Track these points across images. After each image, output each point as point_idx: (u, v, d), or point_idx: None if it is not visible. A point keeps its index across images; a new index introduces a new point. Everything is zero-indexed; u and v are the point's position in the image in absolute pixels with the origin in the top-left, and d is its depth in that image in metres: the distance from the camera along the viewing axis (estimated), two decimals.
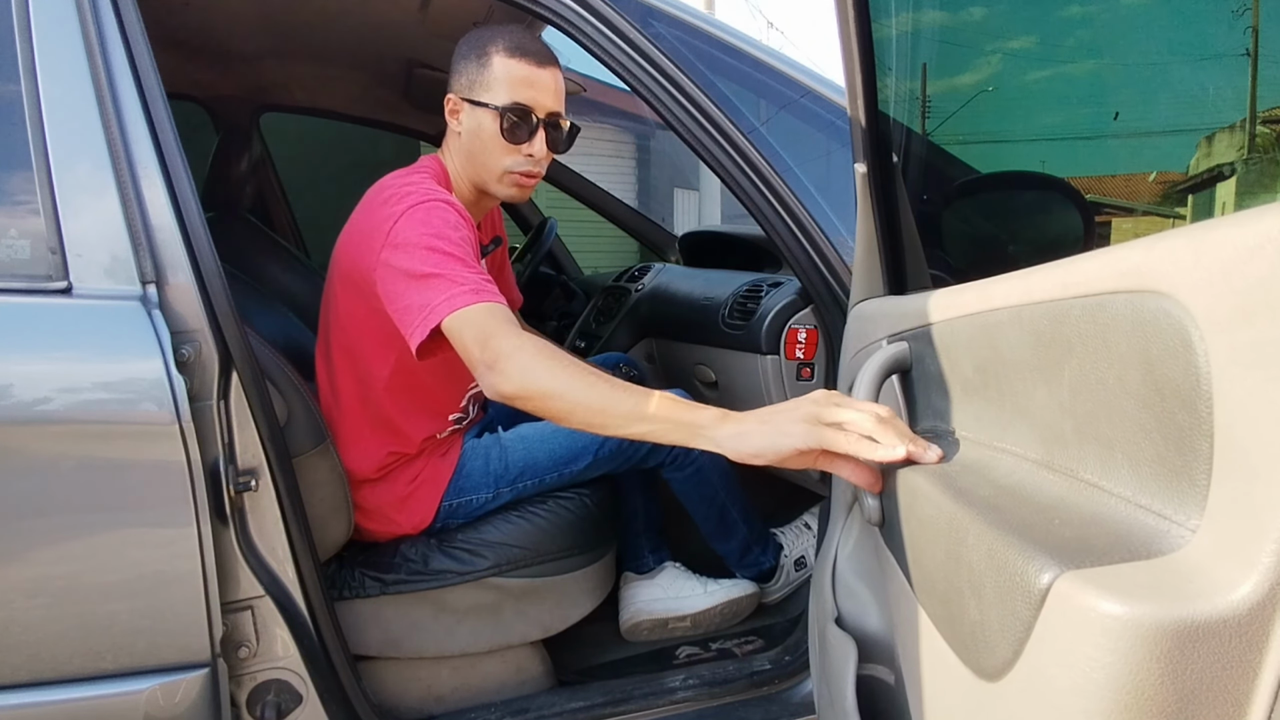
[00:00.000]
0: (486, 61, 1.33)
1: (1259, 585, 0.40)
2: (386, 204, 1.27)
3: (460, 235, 1.24)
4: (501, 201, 1.47)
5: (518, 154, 1.35)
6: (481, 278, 1.20)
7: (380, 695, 1.42)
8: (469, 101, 1.34)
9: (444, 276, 1.18)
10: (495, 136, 1.33)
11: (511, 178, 1.37)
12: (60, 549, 1.02)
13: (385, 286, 1.23)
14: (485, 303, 1.15)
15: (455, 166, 1.40)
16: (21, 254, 1.02)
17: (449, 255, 1.20)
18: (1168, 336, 0.45)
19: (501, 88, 1.32)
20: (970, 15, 1.10)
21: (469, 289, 1.16)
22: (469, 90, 1.34)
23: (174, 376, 1.02)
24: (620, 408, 1.02)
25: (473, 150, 1.36)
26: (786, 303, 1.57)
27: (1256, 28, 0.77)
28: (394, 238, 1.23)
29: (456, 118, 1.37)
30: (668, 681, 1.46)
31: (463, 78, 1.35)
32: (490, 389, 1.10)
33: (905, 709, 0.80)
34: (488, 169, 1.36)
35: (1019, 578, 0.51)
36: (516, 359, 1.07)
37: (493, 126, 1.33)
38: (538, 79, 1.34)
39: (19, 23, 1.03)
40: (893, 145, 1.01)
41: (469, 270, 1.20)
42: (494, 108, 1.32)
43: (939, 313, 0.79)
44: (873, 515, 0.84)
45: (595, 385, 1.04)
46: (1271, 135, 0.79)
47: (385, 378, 1.37)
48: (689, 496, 1.66)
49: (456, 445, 1.52)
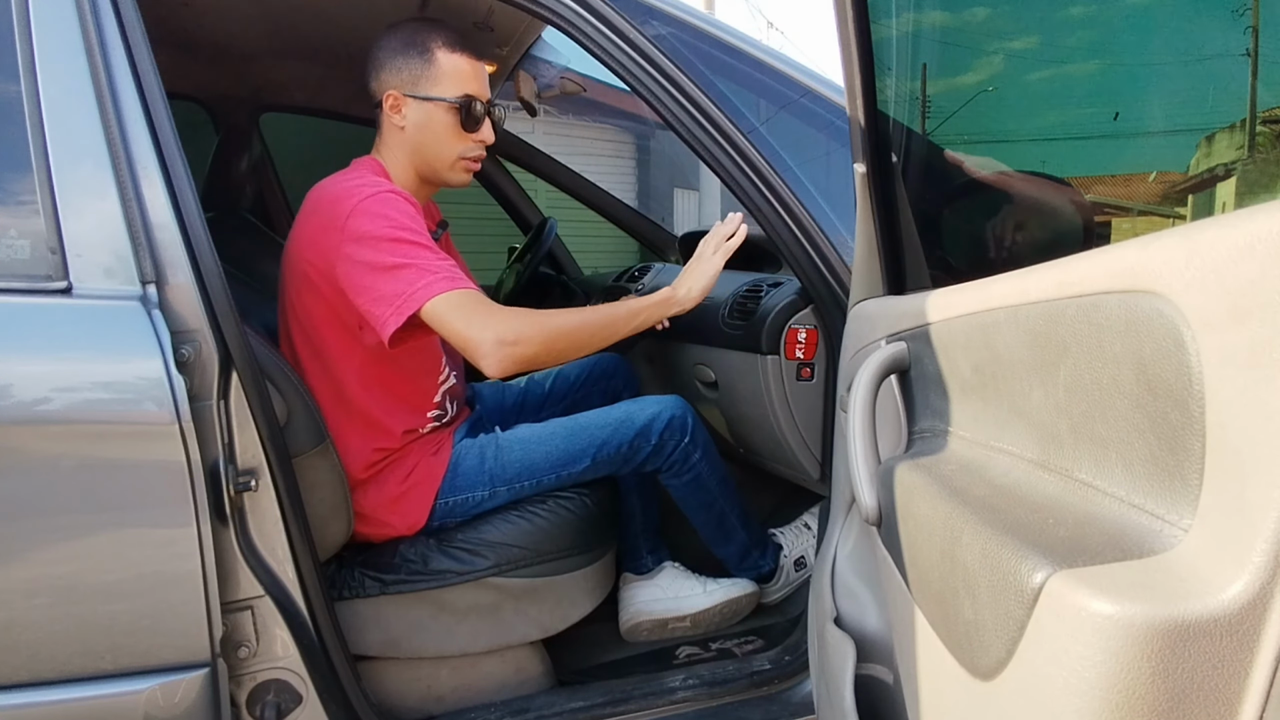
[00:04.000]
0: (430, 57, 1.40)
1: (1250, 584, 0.40)
2: (336, 202, 1.30)
3: (419, 224, 1.30)
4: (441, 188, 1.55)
5: (470, 141, 1.45)
6: (451, 265, 1.28)
7: (380, 695, 1.42)
8: (415, 97, 1.40)
9: (415, 265, 1.25)
10: (451, 128, 1.42)
11: (464, 164, 1.47)
12: (60, 549, 1.02)
13: (351, 281, 1.27)
14: (464, 289, 1.26)
15: (397, 160, 1.45)
16: (21, 254, 1.02)
17: (415, 244, 1.27)
18: (1160, 336, 0.45)
19: (450, 81, 1.41)
20: (970, 15, 1.10)
21: (443, 276, 1.25)
22: (414, 86, 1.40)
23: (174, 376, 1.02)
24: (617, 315, 1.41)
25: (423, 142, 1.43)
26: (786, 303, 1.56)
27: (1256, 28, 0.77)
28: (352, 232, 1.27)
29: (399, 113, 1.41)
30: (668, 681, 1.46)
31: (403, 74, 1.40)
32: (508, 360, 1.25)
33: (903, 708, 0.80)
34: (441, 159, 1.44)
35: (1012, 577, 0.51)
36: (524, 327, 1.27)
37: (446, 119, 1.42)
38: (479, 70, 1.44)
39: (19, 23, 1.04)
40: (892, 145, 1.01)
41: (438, 258, 1.28)
42: (448, 101, 1.40)
43: (937, 313, 0.79)
44: (870, 515, 0.84)
45: (586, 312, 1.40)
46: (1271, 135, 0.79)
47: (355, 372, 1.39)
48: (687, 503, 1.66)
49: (448, 443, 1.52)
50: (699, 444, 1.59)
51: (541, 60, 2.12)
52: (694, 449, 1.59)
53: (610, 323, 1.40)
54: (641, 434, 1.54)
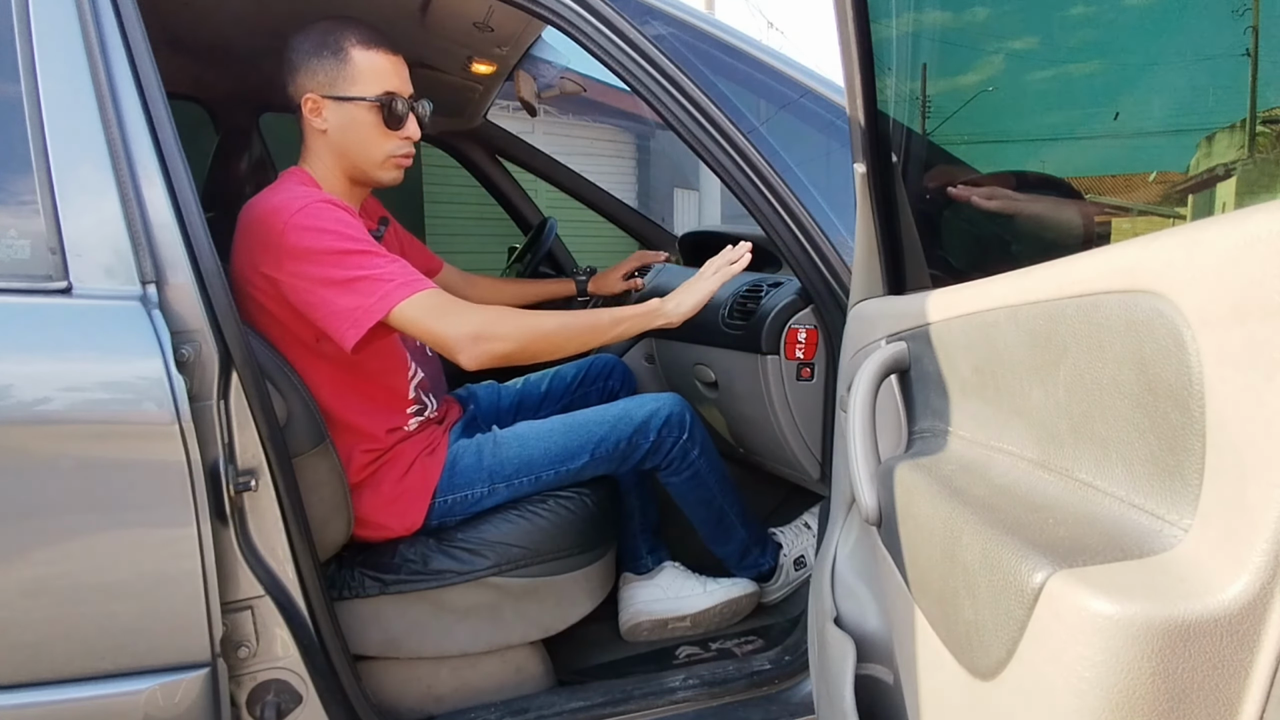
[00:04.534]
0: (345, 57, 1.36)
1: (1250, 584, 0.40)
2: (266, 222, 1.27)
3: (356, 229, 1.29)
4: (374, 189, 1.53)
5: (396, 139, 1.42)
6: (403, 267, 1.27)
7: (380, 695, 1.42)
8: (334, 99, 1.37)
9: (367, 277, 1.24)
10: (375, 127, 1.39)
11: (393, 161, 1.44)
12: (60, 549, 1.02)
13: (302, 298, 1.26)
14: (425, 290, 1.26)
15: (324, 165, 1.43)
16: (21, 254, 1.02)
17: (360, 253, 1.26)
18: (1161, 336, 0.45)
19: (368, 79, 1.37)
20: (970, 15, 1.10)
21: (399, 283, 1.25)
22: (331, 88, 1.37)
23: (174, 376, 1.02)
24: (599, 322, 1.39)
25: (348, 144, 1.40)
26: (786, 303, 1.56)
27: (1256, 28, 0.77)
28: (290, 250, 1.25)
29: (319, 116, 1.38)
30: (668, 681, 1.46)
31: (320, 76, 1.37)
32: (484, 356, 1.26)
33: (903, 708, 0.80)
34: (369, 159, 1.42)
35: (1012, 577, 0.51)
36: (499, 324, 1.28)
37: (369, 118, 1.39)
38: (397, 66, 1.41)
39: (19, 23, 1.04)
40: (892, 145, 1.01)
41: (389, 261, 1.27)
42: (368, 100, 1.37)
43: (937, 313, 0.79)
44: (870, 515, 0.84)
45: (568, 315, 1.37)
46: (1271, 135, 0.79)
47: (324, 384, 1.37)
48: (686, 500, 1.66)
49: (443, 442, 1.52)
50: (697, 441, 1.59)
51: (541, 60, 2.12)
52: (692, 446, 1.59)
53: (592, 328, 1.39)
54: (640, 430, 1.54)
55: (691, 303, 1.45)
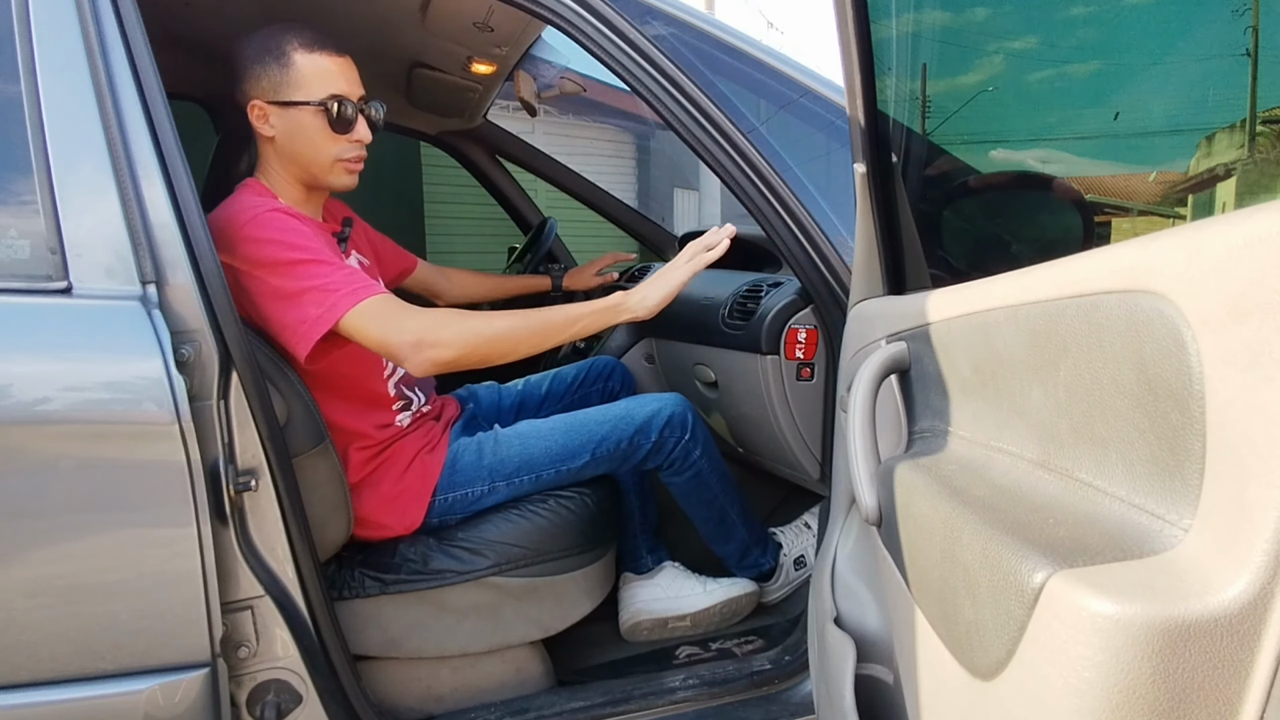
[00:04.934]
0: (287, 61, 1.34)
1: (1251, 584, 0.40)
2: (220, 236, 1.24)
3: (306, 237, 1.27)
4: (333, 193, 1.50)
5: (345, 142, 1.39)
6: (349, 274, 1.25)
7: (380, 695, 1.42)
8: (278, 104, 1.35)
9: (313, 288, 1.22)
10: (322, 131, 1.36)
11: (343, 165, 1.41)
12: (60, 549, 1.02)
13: (259, 311, 1.26)
14: (372, 296, 1.23)
15: (277, 174, 1.41)
16: (21, 254, 1.02)
17: (308, 262, 1.24)
18: (1161, 336, 0.45)
19: (312, 83, 1.35)
20: (970, 15, 1.10)
21: (346, 292, 1.23)
22: (275, 93, 1.35)
23: (174, 376, 1.02)
24: (553, 321, 1.33)
25: (297, 149, 1.38)
26: (786, 303, 1.57)
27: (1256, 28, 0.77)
28: (244, 260, 1.25)
29: (266, 122, 1.37)
30: (668, 681, 1.46)
31: (263, 82, 1.35)
32: (427, 363, 1.23)
33: (903, 708, 0.80)
34: (318, 163, 1.39)
35: (1012, 577, 0.51)
36: (441, 329, 1.24)
37: (316, 122, 1.36)
38: (343, 68, 1.38)
39: (19, 23, 1.04)
40: (892, 145, 1.01)
41: (337, 270, 1.25)
42: (313, 104, 1.35)
43: (937, 313, 0.79)
44: (870, 515, 0.84)
45: (519, 315, 1.31)
46: (1271, 135, 0.79)
47: (310, 386, 1.35)
48: (688, 500, 1.66)
49: (443, 439, 1.52)
50: (699, 441, 1.59)
51: (541, 60, 2.12)
52: (694, 446, 1.59)
53: (545, 328, 1.33)
54: (641, 430, 1.54)
55: (659, 297, 1.37)
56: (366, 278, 1.28)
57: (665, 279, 1.38)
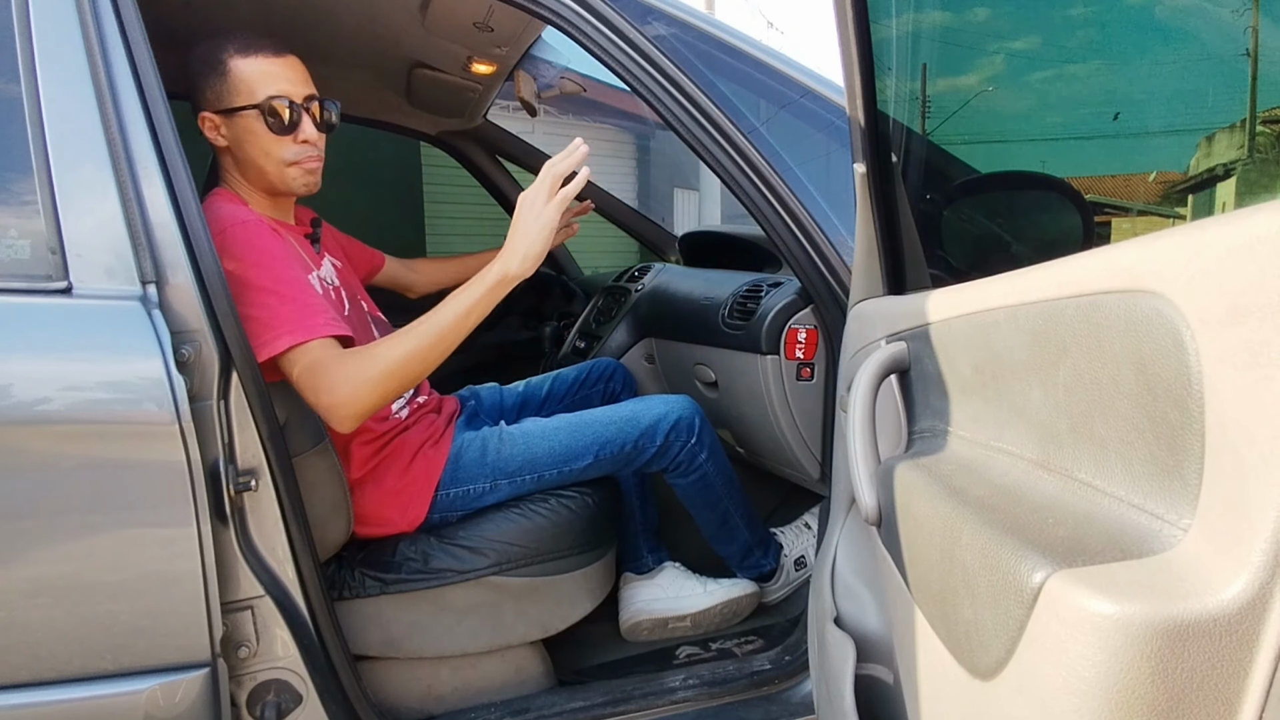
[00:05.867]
0: (223, 69, 1.33)
1: (1250, 584, 0.40)
2: None
3: (262, 254, 1.24)
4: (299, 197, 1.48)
5: (291, 143, 1.37)
6: (295, 310, 1.22)
7: (380, 695, 1.42)
8: (223, 113, 1.34)
9: (255, 319, 1.19)
10: (265, 134, 1.35)
11: (296, 169, 1.39)
12: (60, 549, 1.02)
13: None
14: (306, 343, 1.20)
15: (239, 183, 1.41)
16: (21, 254, 1.02)
17: (258, 289, 1.21)
18: (1160, 336, 0.45)
19: (250, 87, 1.33)
20: (970, 15, 1.10)
21: (285, 331, 1.20)
22: (219, 102, 1.34)
23: (174, 376, 1.02)
24: (445, 324, 1.24)
25: (249, 156, 1.37)
26: (786, 303, 1.57)
27: (1256, 28, 0.77)
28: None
29: (219, 134, 1.37)
30: (668, 681, 1.46)
31: (208, 94, 1.34)
32: (347, 421, 1.21)
33: (903, 708, 0.80)
34: (270, 169, 1.37)
35: (1012, 577, 0.51)
36: (347, 388, 1.19)
37: (259, 126, 1.34)
38: (279, 68, 1.36)
39: (19, 23, 1.04)
40: (892, 145, 1.01)
41: (283, 304, 1.21)
42: (251, 107, 1.33)
43: (937, 313, 0.79)
44: (870, 515, 0.84)
45: (410, 334, 1.24)
46: (1271, 135, 0.79)
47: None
48: (693, 501, 1.66)
49: (447, 434, 1.51)
50: (705, 445, 1.59)
51: (541, 60, 2.12)
52: (700, 450, 1.59)
53: (441, 335, 1.24)
54: (646, 434, 1.53)
55: (536, 251, 1.27)
56: (315, 313, 1.24)
57: (531, 230, 1.27)
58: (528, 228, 1.28)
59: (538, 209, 1.29)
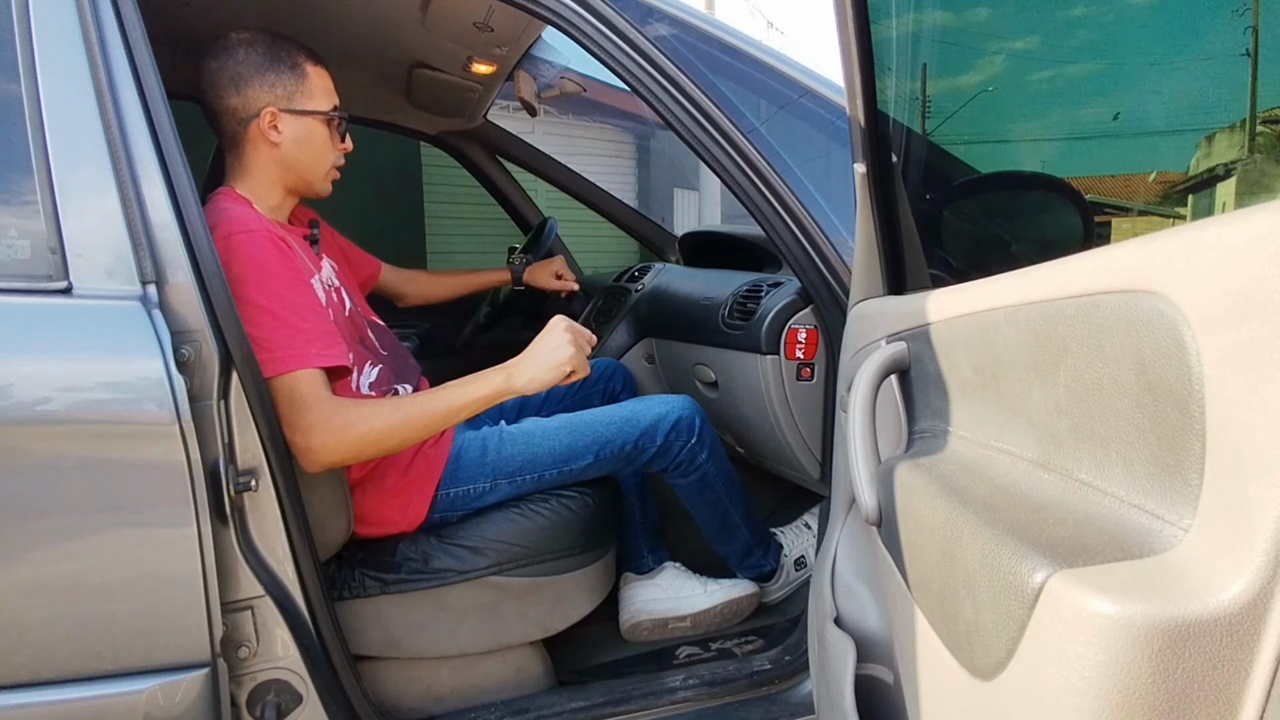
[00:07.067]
0: (301, 72, 1.40)
1: (1250, 584, 0.40)
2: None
3: (263, 268, 1.24)
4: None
5: (338, 151, 1.48)
6: (289, 336, 1.22)
7: (380, 695, 1.42)
8: (292, 112, 1.39)
9: (251, 337, 1.18)
10: (325, 140, 1.44)
11: (333, 173, 1.49)
12: (60, 549, 1.02)
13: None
14: (294, 371, 1.21)
15: (260, 181, 1.42)
16: (21, 254, 1.02)
17: (255, 306, 1.21)
18: (1160, 336, 0.45)
19: (319, 95, 1.42)
20: (970, 15, 1.10)
21: (277, 357, 1.20)
22: (289, 101, 1.39)
23: (174, 376, 1.02)
24: (435, 415, 1.29)
25: (300, 157, 1.42)
26: (786, 303, 1.57)
27: (1256, 28, 0.77)
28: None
29: (276, 129, 1.39)
30: (668, 681, 1.46)
31: (277, 89, 1.38)
32: (311, 465, 1.22)
33: (903, 708, 0.80)
34: (316, 172, 1.46)
35: (1012, 577, 0.51)
36: (312, 437, 1.20)
37: (324, 131, 1.43)
38: (331, 81, 1.46)
39: (19, 23, 1.04)
40: (892, 145, 1.01)
41: (280, 328, 1.22)
42: (323, 114, 1.41)
43: (937, 313, 0.79)
44: (870, 515, 0.84)
45: (400, 408, 1.27)
46: (1271, 135, 0.79)
47: None
48: (693, 501, 1.66)
49: (448, 433, 1.51)
50: (706, 445, 1.59)
51: (541, 60, 2.12)
52: (700, 450, 1.59)
53: (428, 422, 1.28)
54: (646, 434, 1.53)
55: (546, 380, 1.31)
56: (308, 339, 1.24)
57: (551, 358, 1.31)
58: (547, 356, 1.32)
59: (562, 342, 1.32)
